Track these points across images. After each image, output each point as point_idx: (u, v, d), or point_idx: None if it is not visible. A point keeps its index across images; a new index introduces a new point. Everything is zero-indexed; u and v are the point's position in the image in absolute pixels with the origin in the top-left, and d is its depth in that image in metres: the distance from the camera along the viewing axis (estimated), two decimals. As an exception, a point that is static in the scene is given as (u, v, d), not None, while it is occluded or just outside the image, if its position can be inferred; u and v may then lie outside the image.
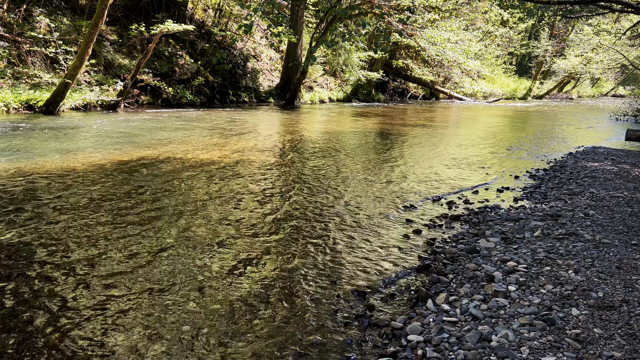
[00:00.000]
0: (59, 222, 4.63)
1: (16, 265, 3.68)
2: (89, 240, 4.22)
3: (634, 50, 28.27)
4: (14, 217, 4.70)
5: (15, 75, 13.13)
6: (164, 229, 4.60)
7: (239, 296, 3.40)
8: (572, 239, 4.54)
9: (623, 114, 22.27)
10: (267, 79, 22.92)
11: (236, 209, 5.38)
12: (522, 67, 51.16)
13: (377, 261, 4.17)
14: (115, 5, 17.14)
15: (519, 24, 36.78)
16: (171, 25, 13.93)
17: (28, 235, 4.25)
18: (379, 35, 18.20)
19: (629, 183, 7.15)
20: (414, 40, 24.35)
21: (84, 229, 4.47)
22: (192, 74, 18.09)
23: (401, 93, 32.69)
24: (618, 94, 51.27)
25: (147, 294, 3.36)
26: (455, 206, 5.99)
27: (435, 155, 9.78)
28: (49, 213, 4.87)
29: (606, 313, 3.11)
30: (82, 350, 2.72)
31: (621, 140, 13.43)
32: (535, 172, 8.35)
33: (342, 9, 14.80)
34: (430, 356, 2.68)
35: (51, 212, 4.91)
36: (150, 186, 6.08)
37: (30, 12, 14.56)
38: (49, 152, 7.81)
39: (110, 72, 15.72)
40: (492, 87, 37.78)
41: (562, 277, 3.64)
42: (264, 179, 6.88)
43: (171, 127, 11.64)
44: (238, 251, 4.20)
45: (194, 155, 8.23)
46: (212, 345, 2.83)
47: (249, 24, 10.36)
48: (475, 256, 4.20)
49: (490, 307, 3.22)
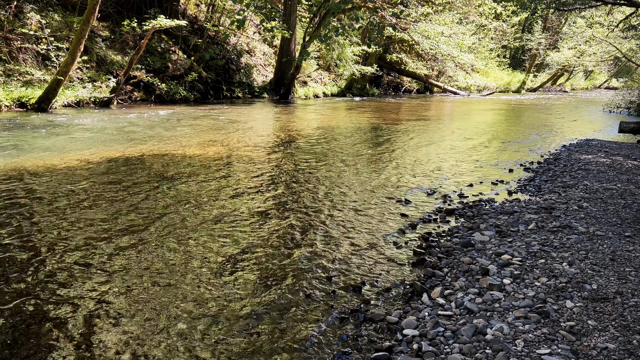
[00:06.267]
0: (50, 218, 4.61)
1: (9, 262, 3.66)
2: (82, 234, 4.20)
3: (626, 42, 28.36)
4: (4, 214, 4.67)
5: (6, 73, 13.02)
6: (157, 224, 4.59)
7: (233, 292, 3.40)
8: (566, 232, 4.56)
9: (616, 106, 22.35)
10: (261, 74, 22.84)
11: (230, 204, 5.37)
12: (516, 60, 51.28)
13: (372, 255, 4.17)
14: (106, 1, 17.01)
15: (513, 17, 36.84)
16: (163, 21, 13.84)
17: (16, 234, 4.23)
18: (372, 29, 18.16)
19: (622, 175, 7.18)
20: (408, 34, 24.33)
21: (77, 225, 4.45)
22: (185, 69, 18.00)
23: (395, 87, 32.70)
24: (611, 86, 51.54)
25: (139, 290, 3.35)
26: (450, 200, 6.00)
27: (430, 149, 9.79)
28: (38, 210, 4.84)
29: (600, 305, 3.13)
30: (76, 343, 2.72)
31: (614, 133, 13.48)
32: (530, 165, 8.38)
33: (335, 3, 14.74)
34: (425, 350, 2.69)
35: (41, 209, 4.88)
36: (143, 183, 6.06)
37: (21, 9, 14.42)
38: (41, 149, 7.75)
39: (102, 68, 15.62)
40: (486, 81, 37.87)
41: (557, 270, 3.66)
42: (257, 174, 6.87)
43: (164, 123, 11.59)
44: (231, 246, 4.19)
45: (189, 151, 8.19)
46: (207, 340, 2.83)
47: (242, 19, 10.31)
48: (470, 250, 4.21)
49: (485, 300, 3.23)
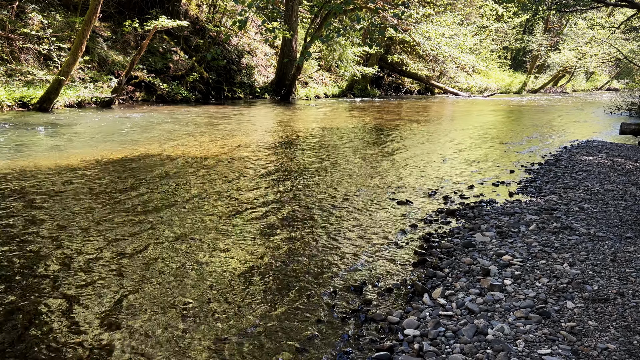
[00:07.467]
0: (50, 218, 4.62)
1: (11, 259, 3.67)
2: (84, 233, 4.21)
3: (627, 43, 28.34)
4: (4, 212, 4.69)
5: (8, 73, 13.04)
6: (159, 223, 4.60)
7: (235, 292, 3.41)
8: (567, 233, 4.57)
9: (617, 108, 22.33)
10: (262, 74, 22.85)
11: (231, 203, 5.38)
12: (517, 62, 51.24)
13: (373, 256, 4.18)
14: (108, 1, 17.04)
15: (514, 18, 36.84)
16: (165, 21, 13.86)
17: (16, 233, 4.24)
18: (373, 30, 18.17)
19: (623, 176, 7.18)
20: (409, 35, 24.35)
21: (77, 225, 4.46)
22: (186, 70, 18.01)
23: (396, 88, 32.69)
24: (612, 87, 51.45)
25: (140, 289, 3.35)
26: (451, 201, 6.00)
27: (431, 150, 9.79)
28: (38, 210, 4.85)
29: (601, 306, 3.14)
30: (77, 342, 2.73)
31: (615, 134, 13.47)
32: (531, 166, 8.38)
33: (336, 4, 14.75)
34: (426, 350, 2.69)
35: (41, 209, 4.90)
36: (144, 182, 6.07)
37: (23, 9, 14.45)
38: (42, 149, 7.77)
39: (104, 68, 15.64)
40: (487, 82, 37.85)
41: (557, 271, 3.66)
42: (258, 175, 6.88)
43: (166, 123, 11.60)
44: (231, 246, 4.20)
45: (189, 151, 8.21)
46: (209, 340, 2.84)
47: (243, 20, 10.32)
48: (471, 250, 4.22)
49: (486, 300, 3.24)
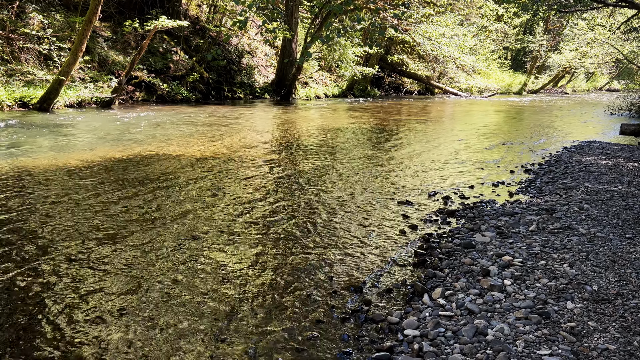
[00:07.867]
0: (50, 218, 4.62)
1: (11, 259, 3.67)
2: (84, 233, 4.21)
3: (628, 44, 28.34)
4: (4, 212, 4.69)
5: (8, 73, 13.04)
6: (159, 222, 4.60)
7: (234, 292, 3.41)
8: (567, 233, 4.57)
9: (617, 108, 22.34)
10: (262, 75, 22.85)
11: (230, 205, 5.38)
12: (517, 62, 51.24)
13: (373, 256, 4.18)
14: (108, 1, 17.04)
15: (514, 18, 36.82)
16: (165, 21, 13.85)
17: (16, 233, 4.24)
18: (374, 30, 18.18)
19: (623, 177, 7.18)
20: (409, 35, 24.34)
21: (77, 224, 4.46)
22: (186, 70, 18.01)
23: (397, 88, 32.68)
24: (613, 88, 51.46)
25: (139, 289, 3.35)
26: (451, 201, 6.00)
27: (431, 150, 9.79)
28: (38, 210, 4.85)
29: (601, 306, 3.14)
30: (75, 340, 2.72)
31: (615, 135, 13.47)
32: (531, 166, 8.38)
33: (336, 4, 14.76)
34: (426, 350, 2.69)
35: (41, 209, 4.90)
36: (144, 182, 6.07)
37: (23, 9, 14.45)
38: (42, 149, 7.77)
39: (104, 68, 15.64)
40: (487, 82, 37.84)
41: (557, 271, 3.66)
42: (258, 175, 6.88)
43: (166, 123, 11.60)
44: (232, 247, 4.20)
45: (190, 151, 8.21)
46: (208, 340, 2.84)
47: (244, 20, 10.32)
48: (470, 251, 4.22)
49: (486, 301, 3.24)
